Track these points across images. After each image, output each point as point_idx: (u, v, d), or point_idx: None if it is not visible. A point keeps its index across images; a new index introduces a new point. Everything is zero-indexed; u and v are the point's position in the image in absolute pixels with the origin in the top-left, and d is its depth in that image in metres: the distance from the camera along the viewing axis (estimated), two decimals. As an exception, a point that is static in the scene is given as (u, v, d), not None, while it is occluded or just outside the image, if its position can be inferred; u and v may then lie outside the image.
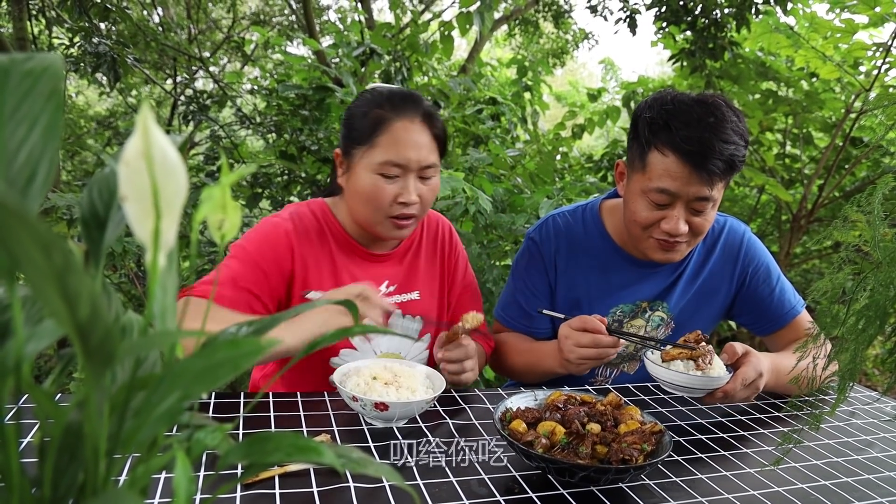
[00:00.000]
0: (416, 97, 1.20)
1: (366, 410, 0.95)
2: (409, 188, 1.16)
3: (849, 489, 0.88)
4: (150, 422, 0.32)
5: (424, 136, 1.17)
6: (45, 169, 0.31)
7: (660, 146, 1.16)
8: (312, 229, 1.23)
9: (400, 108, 1.16)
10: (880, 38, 2.75)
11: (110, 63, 2.75)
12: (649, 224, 1.21)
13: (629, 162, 1.26)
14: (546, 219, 1.41)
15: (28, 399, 0.94)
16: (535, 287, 1.38)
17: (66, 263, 0.22)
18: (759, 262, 1.37)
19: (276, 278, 1.17)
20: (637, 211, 1.21)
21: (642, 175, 1.19)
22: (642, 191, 1.19)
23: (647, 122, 1.18)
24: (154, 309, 0.34)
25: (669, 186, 1.15)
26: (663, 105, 1.17)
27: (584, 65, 17.45)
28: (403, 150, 1.14)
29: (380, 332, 1.20)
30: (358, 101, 1.22)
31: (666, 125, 1.15)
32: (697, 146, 1.11)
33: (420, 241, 1.35)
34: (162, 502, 0.71)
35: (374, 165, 1.15)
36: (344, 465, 0.37)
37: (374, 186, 1.15)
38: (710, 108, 1.14)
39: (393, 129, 1.15)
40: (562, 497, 0.80)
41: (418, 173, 1.17)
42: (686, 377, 1.07)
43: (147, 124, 0.29)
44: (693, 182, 1.14)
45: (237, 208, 0.36)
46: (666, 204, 1.18)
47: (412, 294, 1.32)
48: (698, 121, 1.13)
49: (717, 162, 1.12)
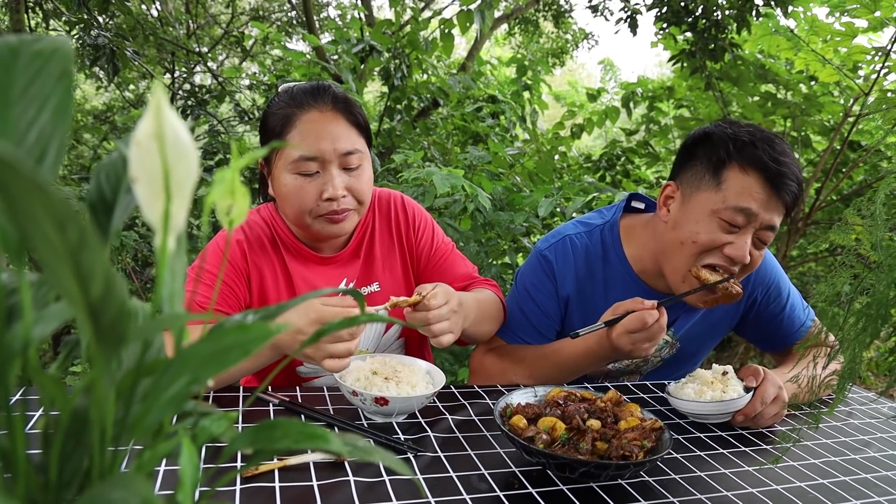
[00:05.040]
0: (323, 87, 1.15)
1: (366, 405, 0.95)
2: (332, 182, 1.09)
3: (846, 488, 0.89)
4: (158, 406, 0.31)
5: (338, 124, 1.11)
6: (55, 149, 0.31)
7: (743, 164, 1.11)
8: (264, 236, 1.20)
9: (304, 100, 1.12)
10: (879, 43, 2.76)
11: (109, 55, 2.74)
12: (710, 248, 1.13)
13: (687, 182, 1.18)
14: (563, 238, 1.31)
15: (27, 392, 0.94)
16: (548, 309, 1.30)
17: (82, 239, 0.22)
18: (769, 282, 1.33)
19: (242, 289, 1.16)
20: (700, 231, 1.13)
21: (715, 193, 1.13)
22: (713, 210, 1.12)
23: (728, 138, 1.14)
24: (163, 293, 0.34)
25: (751, 206, 1.10)
26: (742, 128, 1.15)
27: (583, 65, 17.48)
28: (314, 142, 1.09)
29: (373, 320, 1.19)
30: (270, 104, 1.17)
31: (751, 144, 1.12)
32: (781, 170, 1.10)
33: (373, 229, 1.28)
34: (162, 494, 0.71)
35: (290, 165, 1.10)
36: (350, 452, 0.37)
37: (294, 187, 1.10)
38: (783, 142, 1.15)
39: (300, 122, 1.10)
40: (562, 493, 0.80)
41: (340, 164, 1.11)
42: (704, 405, 1.05)
43: (160, 104, 0.29)
44: (770, 206, 1.11)
45: (246, 194, 0.36)
46: (738, 227, 1.12)
47: (372, 286, 1.27)
48: (780, 148, 1.12)
49: (792, 189, 1.11)
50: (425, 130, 3.42)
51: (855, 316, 0.78)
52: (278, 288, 1.20)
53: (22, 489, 0.33)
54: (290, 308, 1.03)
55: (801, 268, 3.75)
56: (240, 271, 1.16)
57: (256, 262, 1.18)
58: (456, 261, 1.32)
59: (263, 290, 1.19)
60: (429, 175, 1.96)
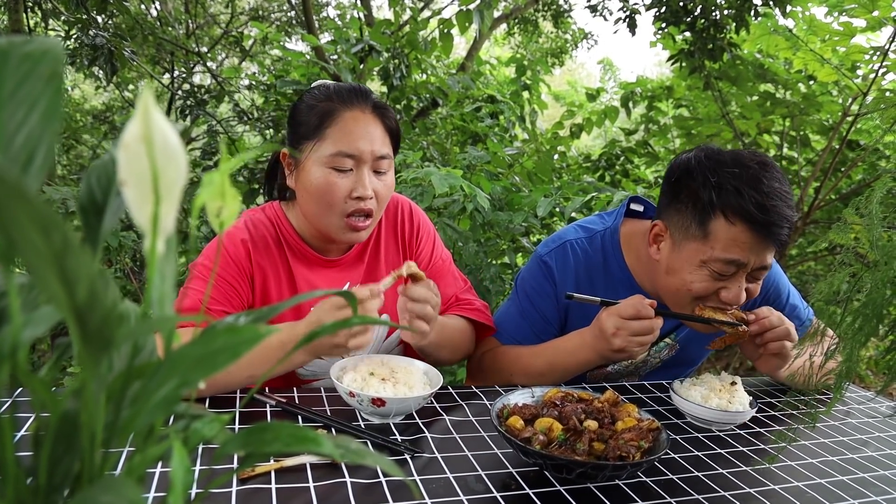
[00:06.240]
0: (365, 90, 1.16)
1: (363, 406, 0.95)
2: (363, 181, 1.10)
3: (844, 487, 0.89)
4: (148, 409, 0.31)
5: (376, 128, 1.13)
6: (44, 153, 0.31)
7: (729, 215, 1.07)
8: (269, 236, 1.19)
9: (348, 99, 1.13)
10: (878, 42, 2.76)
11: (107, 56, 2.74)
12: (705, 295, 1.13)
13: (675, 227, 1.16)
14: (563, 243, 1.30)
15: (22, 394, 0.93)
16: (547, 315, 1.29)
17: (65, 244, 0.22)
18: (768, 283, 1.32)
19: (245, 288, 1.16)
20: (693, 281, 1.12)
21: (702, 244, 1.10)
22: (702, 261, 1.11)
23: (711, 186, 1.09)
24: (152, 296, 0.34)
25: (740, 257, 1.08)
26: (724, 166, 1.09)
27: (582, 65, 17.47)
28: (354, 141, 1.09)
29: (370, 322, 1.19)
30: (303, 99, 1.17)
31: (736, 190, 1.06)
32: (771, 215, 1.05)
33: (379, 233, 1.29)
34: (157, 496, 0.71)
35: (324, 158, 1.10)
36: (343, 455, 0.36)
37: (326, 181, 1.10)
38: (772, 170, 1.09)
39: (343, 119, 1.10)
40: (559, 494, 0.80)
41: (372, 166, 1.12)
42: (707, 411, 1.05)
43: (147, 107, 0.29)
44: (761, 251, 1.09)
45: (236, 196, 0.36)
46: (729, 274, 1.11)
47: None
48: (768, 186, 1.06)
49: (785, 230, 1.07)
50: (424, 130, 3.42)
51: (852, 315, 0.78)
52: (280, 289, 1.19)
53: (11, 493, 0.33)
54: (293, 306, 1.03)
55: (801, 267, 3.75)
56: (243, 271, 1.16)
57: (260, 263, 1.17)
58: (447, 280, 1.32)
59: (266, 291, 1.18)
60: (427, 175, 1.96)
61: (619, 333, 1.09)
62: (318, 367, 1.23)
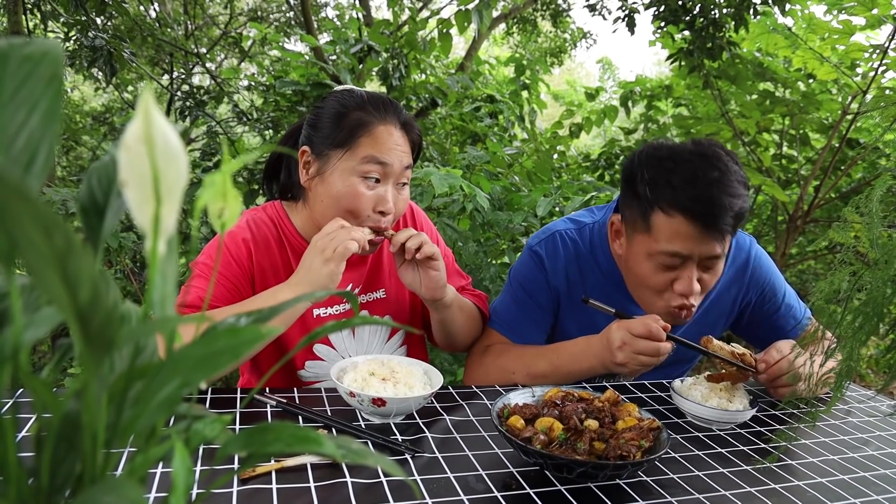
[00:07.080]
0: (395, 103, 1.18)
1: (363, 406, 0.95)
2: (387, 196, 1.13)
3: (845, 486, 0.89)
4: (150, 410, 0.31)
5: (404, 141, 1.16)
6: (45, 154, 0.31)
7: (665, 207, 1.08)
8: (271, 236, 1.20)
9: (382, 112, 1.14)
10: (877, 40, 2.76)
11: (107, 57, 2.74)
12: (663, 288, 1.15)
13: (627, 221, 1.18)
14: (553, 233, 1.32)
15: (23, 395, 0.94)
16: (542, 302, 1.31)
17: (68, 245, 0.22)
18: (763, 283, 1.32)
19: (246, 287, 1.17)
20: (647, 275, 1.15)
21: (647, 237, 1.12)
22: (649, 254, 1.13)
23: (646, 182, 1.10)
24: (154, 297, 0.34)
25: (681, 249, 1.09)
26: (661, 162, 1.10)
27: (581, 64, 17.48)
28: (385, 153, 1.12)
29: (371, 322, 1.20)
30: (331, 102, 1.17)
31: (669, 184, 1.07)
32: (707, 206, 1.05)
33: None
34: (159, 496, 0.71)
35: (354, 167, 1.11)
36: (344, 455, 0.37)
37: (354, 191, 1.11)
38: (711, 160, 1.07)
39: (376, 131, 1.12)
40: (559, 493, 0.80)
41: (396, 179, 1.15)
42: (708, 410, 1.05)
43: (148, 108, 0.29)
44: (704, 241, 1.08)
45: (238, 197, 0.36)
46: (676, 265, 1.12)
47: (377, 293, 1.28)
48: (703, 177, 1.06)
49: (727, 219, 1.06)
50: (424, 130, 3.42)
51: (853, 313, 0.78)
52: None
53: (13, 493, 0.33)
54: (293, 286, 1.05)
55: (801, 265, 3.75)
56: (245, 270, 1.16)
57: (261, 263, 1.18)
58: (451, 277, 1.34)
59: (265, 288, 1.18)
60: (427, 175, 1.96)
61: (624, 348, 1.09)
62: (319, 369, 1.23)
